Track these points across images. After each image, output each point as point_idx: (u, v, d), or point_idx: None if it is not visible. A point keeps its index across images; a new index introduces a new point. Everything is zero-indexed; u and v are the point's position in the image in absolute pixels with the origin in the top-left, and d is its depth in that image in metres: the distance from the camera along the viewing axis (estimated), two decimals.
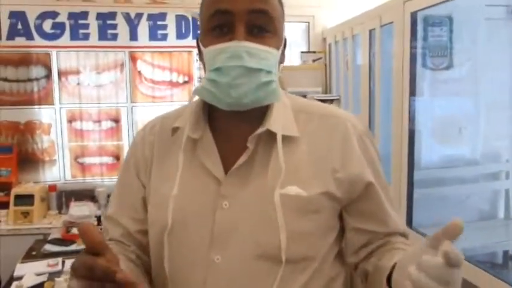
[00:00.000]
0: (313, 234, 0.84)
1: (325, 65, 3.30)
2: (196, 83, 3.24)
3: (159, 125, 0.96)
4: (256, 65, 0.78)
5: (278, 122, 0.84)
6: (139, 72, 3.19)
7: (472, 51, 3.94)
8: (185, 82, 3.25)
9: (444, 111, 3.43)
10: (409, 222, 2.20)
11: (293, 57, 3.34)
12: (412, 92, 2.32)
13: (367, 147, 0.88)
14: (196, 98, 0.88)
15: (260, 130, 0.83)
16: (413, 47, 2.18)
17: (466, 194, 2.75)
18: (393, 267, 0.74)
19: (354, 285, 1.03)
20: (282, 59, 0.88)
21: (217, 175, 0.84)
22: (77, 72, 3.11)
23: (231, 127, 0.87)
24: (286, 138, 0.83)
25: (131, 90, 3.19)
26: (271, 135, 0.83)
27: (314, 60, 3.30)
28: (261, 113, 0.85)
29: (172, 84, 3.23)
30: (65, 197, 3.06)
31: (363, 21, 2.63)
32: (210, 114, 0.90)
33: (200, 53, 0.87)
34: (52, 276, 2.02)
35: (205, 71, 0.85)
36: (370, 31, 2.56)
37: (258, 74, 0.79)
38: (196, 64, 3.23)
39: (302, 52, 3.34)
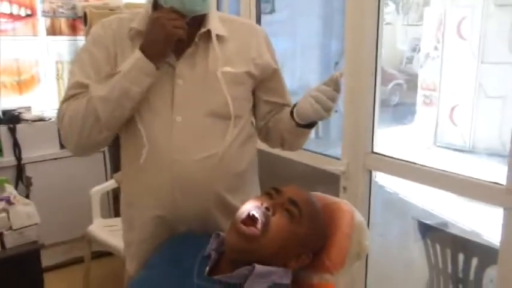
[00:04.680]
0: (242, 98, 1.24)
1: None
2: (40, 17, 3.14)
3: (115, 23, 1.23)
4: None
5: (213, 25, 1.20)
6: None
7: None
8: (28, 15, 3.13)
9: None
10: None
11: None
12: None
13: (270, 46, 1.31)
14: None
15: (203, 30, 1.18)
16: None
17: None
18: (294, 105, 1.20)
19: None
20: None
21: (171, 61, 1.17)
22: None
23: None
24: (218, 37, 1.20)
25: None
26: (208, 34, 1.19)
27: None
28: (200, 20, 1.18)
29: (14, 17, 3.07)
30: None
31: None
32: None
33: None
34: None
35: None
36: None
37: None
38: None
39: None
